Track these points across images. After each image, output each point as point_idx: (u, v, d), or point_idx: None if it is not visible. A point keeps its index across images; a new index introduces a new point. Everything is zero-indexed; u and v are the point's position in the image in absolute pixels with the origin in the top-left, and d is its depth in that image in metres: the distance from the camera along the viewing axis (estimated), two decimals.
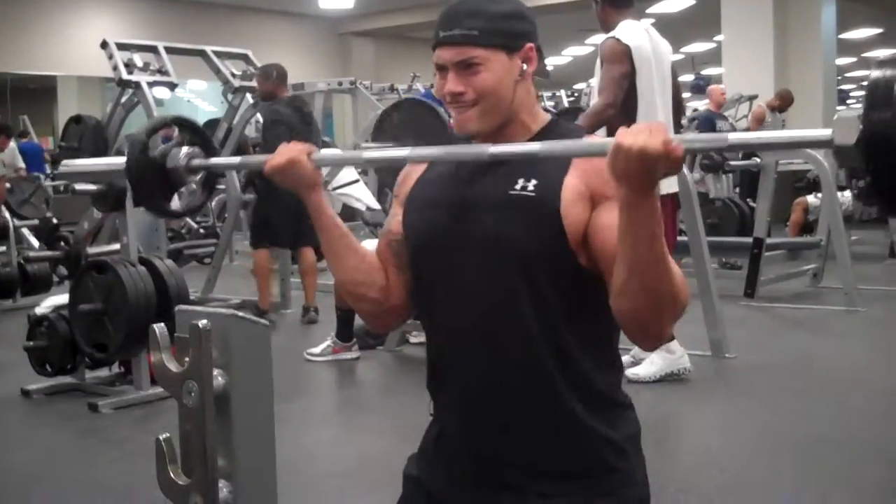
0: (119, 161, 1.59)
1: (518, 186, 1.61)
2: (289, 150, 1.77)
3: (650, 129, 1.37)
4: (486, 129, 1.66)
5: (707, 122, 9.63)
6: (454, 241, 1.66)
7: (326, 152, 1.84)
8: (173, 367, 1.24)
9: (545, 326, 1.61)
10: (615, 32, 4.74)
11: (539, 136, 1.69)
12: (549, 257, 1.59)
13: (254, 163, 2.06)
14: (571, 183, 1.59)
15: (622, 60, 4.66)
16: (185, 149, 2.08)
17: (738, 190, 10.57)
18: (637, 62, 4.68)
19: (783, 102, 10.59)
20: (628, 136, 1.38)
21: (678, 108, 5.15)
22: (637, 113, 4.68)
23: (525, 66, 1.66)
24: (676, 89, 5.05)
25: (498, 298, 1.62)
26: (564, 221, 1.58)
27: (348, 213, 10.64)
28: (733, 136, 1.42)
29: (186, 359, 1.23)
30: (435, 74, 1.70)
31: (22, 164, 11.77)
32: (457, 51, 1.62)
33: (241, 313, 1.25)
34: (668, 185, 4.73)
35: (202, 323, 1.21)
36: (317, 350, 5.76)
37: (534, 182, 1.61)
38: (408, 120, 5.71)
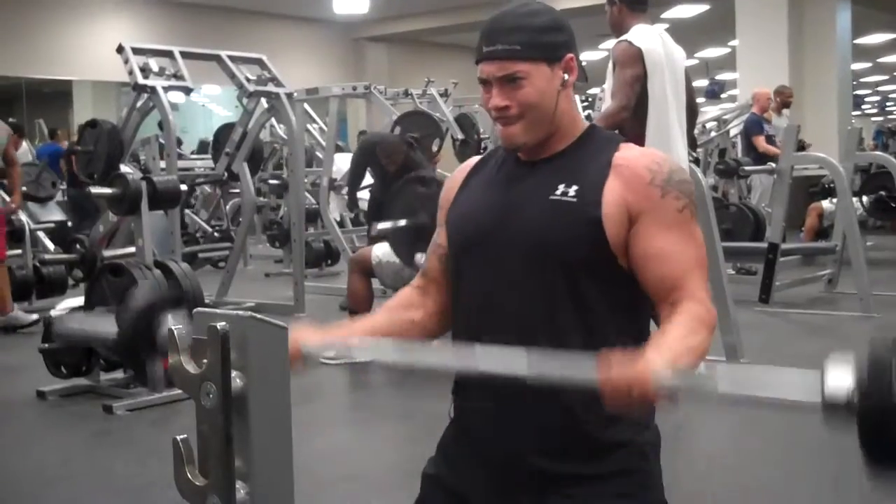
0: (108, 329, 1.59)
1: (559, 192, 1.65)
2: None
3: (631, 384, 1.38)
4: (533, 142, 1.69)
5: (756, 125, 9.60)
6: (494, 244, 1.69)
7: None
8: (191, 368, 1.25)
9: (583, 330, 1.63)
10: (628, 36, 4.72)
11: (578, 142, 1.72)
12: (590, 262, 1.63)
13: None
14: (611, 189, 1.63)
15: (634, 63, 4.65)
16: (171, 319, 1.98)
17: (751, 195, 10.55)
18: (649, 66, 4.66)
19: (783, 98, 10.53)
20: (614, 389, 1.39)
21: (692, 113, 5.14)
22: (648, 117, 4.67)
23: (566, 77, 1.69)
24: (690, 95, 5.04)
25: (537, 302, 1.65)
26: (605, 227, 1.61)
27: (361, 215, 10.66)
28: (723, 387, 1.33)
29: (204, 360, 1.23)
30: (480, 89, 1.72)
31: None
32: (500, 65, 1.65)
33: (259, 315, 1.25)
34: None
35: (220, 325, 1.21)
36: (331, 353, 5.75)
37: (575, 188, 1.64)
38: (423, 194, 5.68)
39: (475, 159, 1.88)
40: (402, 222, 5.51)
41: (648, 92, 4.66)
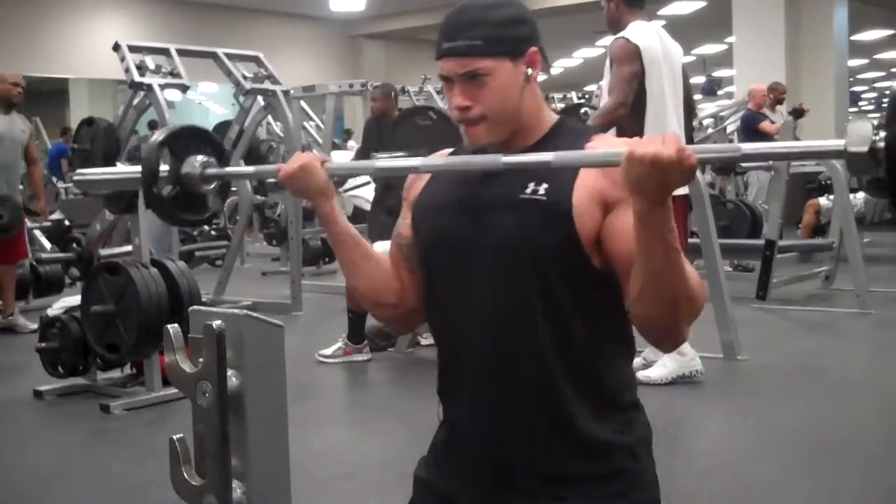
0: (134, 170, 1.58)
1: (529, 190, 1.61)
2: (302, 158, 1.77)
3: (664, 138, 1.38)
4: (499, 139, 1.66)
5: (754, 120, 9.59)
6: (465, 244, 1.66)
7: (339, 159, 1.84)
8: (187, 367, 1.25)
9: (558, 330, 1.61)
10: (625, 32, 4.72)
11: (547, 137, 1.69)
12: (562, 260, 1.59)
13: (267, 171, 2.06)
14: (583, 184, 1.59)
15: (632, 60, 4.64)
16: (199, 157, 2.08)
17: (748, 191, 10.55)
18: (647, 63, 4.66)
19: (777, 94, 10.54)
20: (641, 145, 1.39)
21: (689, 110, 5.14)
22: (646, 114, 4.67)
23: (530, 71, 1.65)
24: (688, 91, 5.04)
25: (510, 302, 1.62)
26: (577, 224, 1.57)
27: (360, 214, 10.67)
28: (746, 147, 1.42)
29: (200, 359, 1.23)
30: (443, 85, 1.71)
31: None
32: (461, 62, 1.62)
33: (255, 314, 1.25)
34: (684, 188, 4.72)
35: (217, 323, 1.21)
36: (328, 352, 5.77)
37: (545, 185, 1.61)
38: (423, 126, 5.70)
39: (446, 152, 1.84)
40: (400, 154, 5.51)
41: (646, 89, 4.66)
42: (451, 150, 1.84)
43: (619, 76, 4.65)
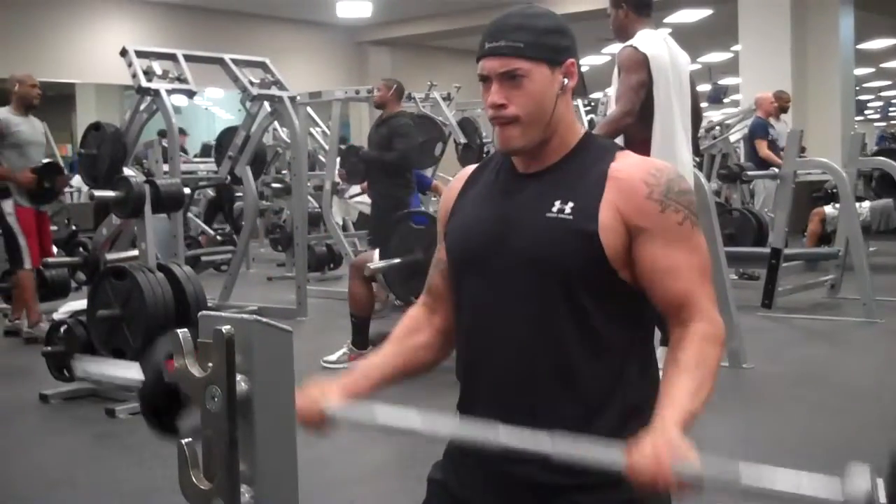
0: (136, 377, 1.56)
1: (555, 209, 1.63)
2: (309, 401, 1.66)
3: (659, 460, 1.42)
4: (529, 146, 1.67)
5: (761, 129, 9.58)
6: (492, 261, 1.68)
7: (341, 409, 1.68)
8: (196, 371, 1.25)
9: (586, 348, 1.63)
10: (633, 41, 4.72)
11: (575, 151, 1.71)
12: (589, 278, 1.62)
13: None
14: (608, 202, 1.62)
15: (639, 69, 4.64)
16: None
17: (754, 200, 10.54)
18: (654, 71, 4.65)
19: (781, 103, 10.54)
20: (639, 469, 1.42)
21: (696, 118, 5.14)
22: (653, 122, 4.67)
23: (566, 81, 1.68)
24: (695, 100, 5.03)
25: (537, 319, 1.64)
26: (603, 242, 1.60)
27: (365, 220, 10.68)
28: (746, 478, 1.37)
29: (209, 364, 1.23)
30: (480, 88, 1.71)
31: None
32: (502, 62, 1.64)
33: (264, 319, 1.25)
34: None
35: (226, 328, 1.21)
36: (333, 357, 5.77)
37: (571, 204, 1.63)
38: (417, 231, 5.73)
39: (471, 168, 1.86)
40: (397, 261, 5.52)
41: (654, 97, 4.66)
42: (476, 165, 1.86)
43: (626, 85, 4.64)
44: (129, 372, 1.58)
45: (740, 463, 1.34)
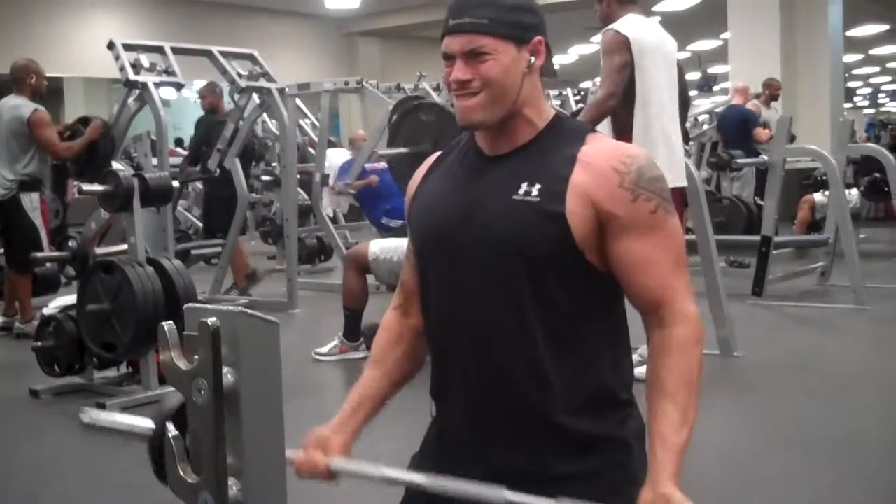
0: (144, 426, 1.56)
1: (522, 191, 1.60)
2: (312, 457, 1.78)
3: None
4: (490, 120, 1.64)
5: (754, 117, 9.59)
6: (457, 245, 1.65)
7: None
8: (182, 364, 1.24)
9: (553, 330, 1.60)
10: (615, 24, 4.73)
11: (543, 133, 1.67)
12: (556, 261, 1.59)
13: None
14: (576, 186, 1.58)
15: (621, 51, 4.65)
16: None
17: (731, 185, 10.55)
18: (636, 54, 4.65)
19: (772, 90, 10.58)
20: None
21: (684, 106, 5.14)
22: (635, 105, 4.67)
23: (533, 59, 1.64)
24: (683, 87, 5.04)
25: (503, 302, 1.61)
26: (571, 224, 1.57)
27: (355, 212, 10.67)
28: None
29: (196, 357, 1.23)
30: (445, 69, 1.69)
31: None
32: (466, 39, 1.61)
33: (250, 311, 1.24)
34: (676, 179, 4.71)
35: (212, 321, 1.20)
36: (324, 349, 5.76)
37: (538, 186, 1.60)
38: (426, 122, 5.73)
39: (436, 154, 1.83)
40: (404, 150, 5.54)
41: (637, 80, 4.66)
42: (439, 153, 1.83)
43: (608, 68, 4.65)
44: (139, 422, 1.58)
45: None
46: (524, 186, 1.60)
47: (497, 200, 1.62)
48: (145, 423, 1.53)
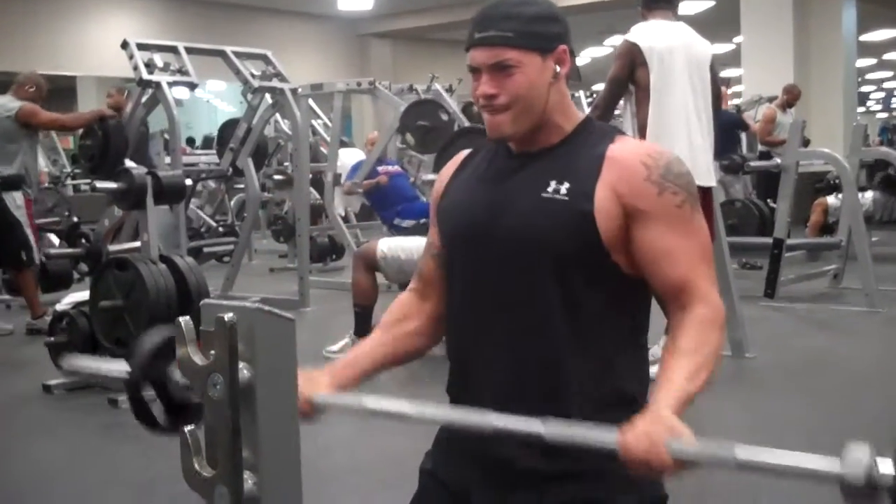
0: (121, 368, 1.58)
1: (550, 189, 1.61)
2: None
3: (651, 443, 1.40)
4: (520, 132, 1.65)
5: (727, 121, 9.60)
6: (485, 240, 1.66)
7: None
8: (199, 360, 1.25)
9: (575, 327, 1.61)
10: (630, 32, 4.79)
11: (572, 135, 1.68)
12: (582, 259, 1.60)
13: None
14: (604, 183, 1.60)
15: (618, 59, 4.79)
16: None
17: (754, 191, 10.55)
18: (649, 57, 4.71)
19: (791, 97, 10.59)
20: (632, 447, 1.40)
21: (717, 103, 5.17)
22: (649, 107, 4.73)
23: (558, 68, 1.65)
24: (716, 86, 5.07)
25: (528, 299, 1.62)
26: (598, 222, 1.58)
27: (367, 211, 10.68)
28: (741, 453, 1.39)
29: (212, 352, 1.23)
30: (471, 79, 1.68)
31: (44, 169, 10.71)
32: (491, 52, 1.61)
33: (266, 307, 1.25)
34: (699, 179, 4.72)
35: (228, 316, 1.21)
36: (336, 347, 5.78)
37: (566, 185, 1.61)
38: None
39: (465, 153, 1.84)
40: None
41: (652, 81, 4.71)
42: (468, 151, 1.84)
43: (607, 77, 4.82)
44: (115, 365, 1.59)
45: (735, 443, 1.33)
46: (553, 184, 1.61)
47: (526, 198, 1.63)
48: (122, 366, 1.54)
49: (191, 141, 14.53)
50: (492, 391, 1.65)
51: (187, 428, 1.27)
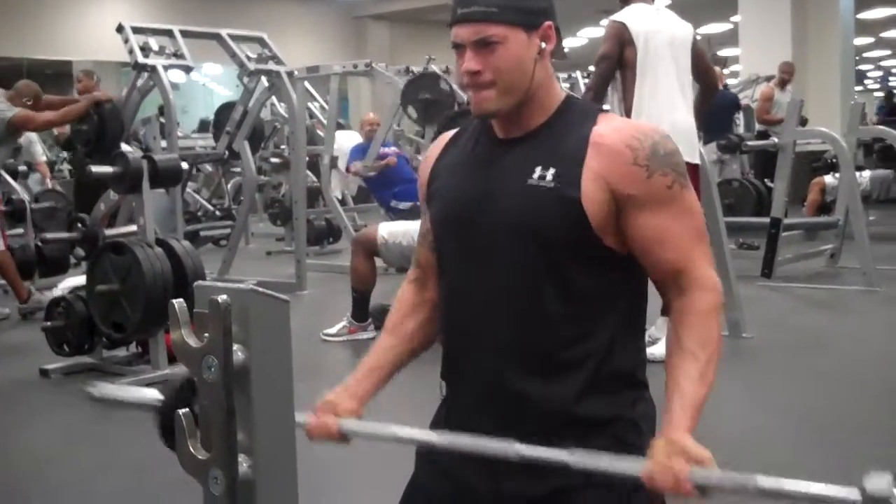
0: (153, 397, 1.59)
1: (536, 176, 1.58)
2: (323, 420, 1.76)
3: (676, 476, 1.40)
4: (505, 109, 1.62)
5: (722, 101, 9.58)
6: (473, 228, 1.64)
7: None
8: (193, 342, 1.24)
9: (568, 311, 1.59)
10: (616, 14, 4.92)
11: (554, 117, 1.65)
12: (572, 245, 1.58)
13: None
14: (590, 167, 1.57)
15: (607, 40, 4.89)
16: None
17: (751, 171, 10.54)
18: (636, 38, 4.83)
19: (787, 75, 10.57)
20: (659, 477, 1.40)
21: (710, 85, 5.26)
22: (635, 87, 4.84)
23: (543, 45, 1.62)
24: (706, 66, 5.23)
25: (519, 285, 1.60)
26: (586, 208, 1.55)
27: (364, 194, 10.66)
28: (763, 481, 1.35)
29: (206, 334, 1.23)
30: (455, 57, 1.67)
31: (42, 158, 10.77)
32: (475, 28, 1.59)
33: (260, 289, 1.24)
34: (685, 155, 4.75)
35: (222, 298, 1.20)
36: (333, 330, 5.78)
37: (552, 171, 1.58)
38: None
39: (449, 134, 1.80)
40: None
41: (638, 60, 4.83)
42: (454, 131, 1.81)
43: (598, 56, 4.92)
44: (148, 393, 1.59)
45: (757, 475, 1.32)
46: (538, 171, 1.59)
47: (512, 185, 1.61)
48: (154, 394, 1.54)
49: (204, 125, 14.19)
50: (485, 378, 1.64)
51: (182, 411, 1.27)
